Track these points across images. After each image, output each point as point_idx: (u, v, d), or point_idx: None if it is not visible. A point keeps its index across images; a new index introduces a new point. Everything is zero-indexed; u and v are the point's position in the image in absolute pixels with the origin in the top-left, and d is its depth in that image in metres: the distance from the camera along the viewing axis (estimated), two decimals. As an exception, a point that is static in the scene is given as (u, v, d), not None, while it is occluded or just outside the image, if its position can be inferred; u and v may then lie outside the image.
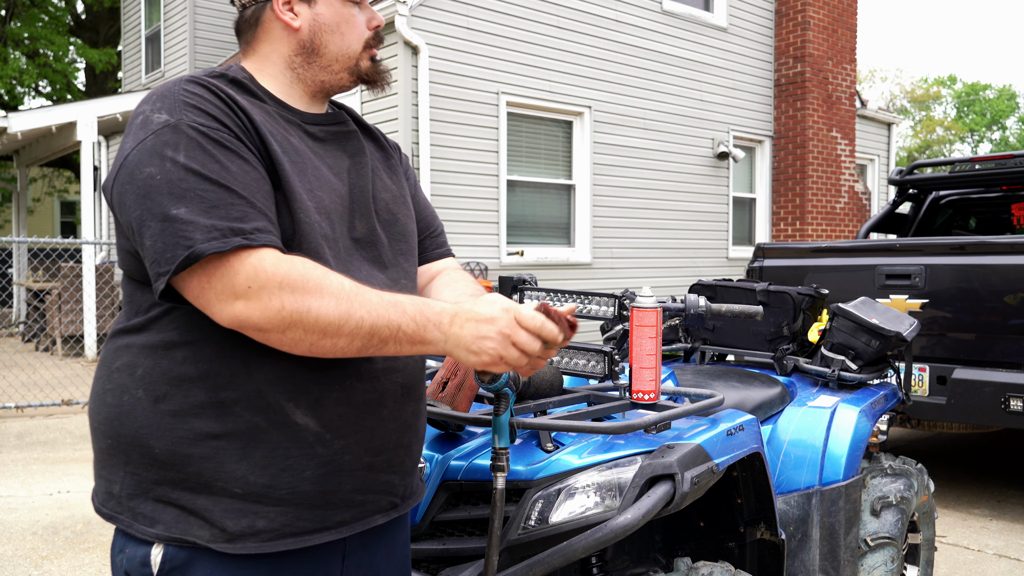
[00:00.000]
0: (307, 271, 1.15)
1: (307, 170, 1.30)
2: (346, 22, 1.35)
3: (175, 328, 1.23)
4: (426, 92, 7.67)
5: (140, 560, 1.23)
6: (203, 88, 1.24)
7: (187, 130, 1.17)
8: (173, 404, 1.21)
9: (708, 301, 2.37)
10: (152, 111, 1.20)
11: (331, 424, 1.25)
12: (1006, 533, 4.26)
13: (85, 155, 9.79)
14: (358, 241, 1.35)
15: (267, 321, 1.13)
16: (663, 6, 9.79)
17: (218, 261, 1.13)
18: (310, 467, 1.24)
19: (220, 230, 1.12)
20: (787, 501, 2.42)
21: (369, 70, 1.40)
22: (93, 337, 9.43)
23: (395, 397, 1.33)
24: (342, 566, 1.32)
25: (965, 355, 4.39)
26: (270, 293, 1.13)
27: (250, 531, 1.21)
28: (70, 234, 24.38)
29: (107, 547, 3.90)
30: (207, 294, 1.14)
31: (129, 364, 1.25)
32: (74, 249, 11.05)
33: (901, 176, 5.97)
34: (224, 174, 1.16)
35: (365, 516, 1.31)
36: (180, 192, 1.13)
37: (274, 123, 1.30)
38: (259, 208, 1.18)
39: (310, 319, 1.13)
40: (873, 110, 13.46)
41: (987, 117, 41.79)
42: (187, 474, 1.21)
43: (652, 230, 9.79)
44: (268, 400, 1.22)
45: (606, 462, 1.66)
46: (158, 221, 1.13)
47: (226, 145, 1.19)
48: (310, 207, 1.26)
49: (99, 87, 19.68)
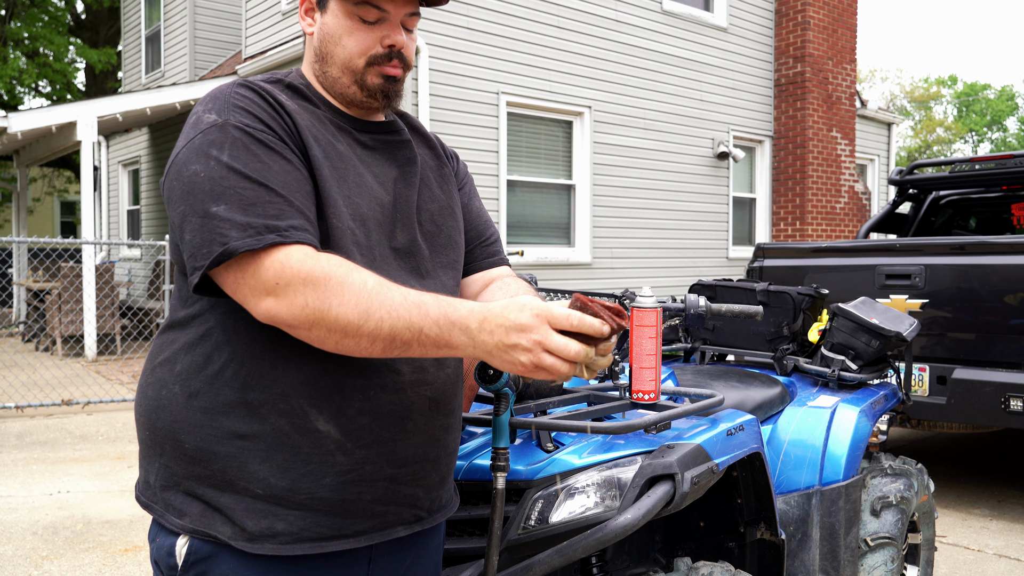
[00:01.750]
0: (331, 268, 1.15)
1: (348, 176, 1.31)
2: (348, 34, 1.35)
3: (212, 325, 1.26)
4: (426, 92, 7.67)
5: (167, 550, 1.26)
6: (252, 91, 1.28)
7: (232, 130, 1.21)
8: (205, 401, 1.24)
9: (708, 301, 2.37)
10: (204, 111, 1.25)
11: (353, 433, 1.25)
12: (1006, 533, 4.26)
13: (85, 155, 9.79)
14: (398, 251, 1.36)
15: (293, 317, 1.15)
16: (663, 6, 9.79)
17: (251, 257, 1.16)
18: (330, 474, 1.24)
19: (255, 227, 1.15)
20: (787, 501, 2.42)
21: (379, 88, 1.37)
22: (93, 337, 9.43)
23: (422, 410, 1.32)
24: (368, 570, 1.32)
25: (965, 355, 4.38)
26: (295, 290, 1.14)
27: (269, 532, 1.22)
28: (70, 234, 24.38)
29: (107, 547, 3.90)
30: (242, 289, 1.17)
31: (170, 359, 1.29)
32: (74, 249, 11.05)
33: (901, 176, 5.97)
34: (265, 172, 1.19)
35: (386, 527, 1.31)
36: (221, 190, 1.17)
37: (323, 128, 1.33)
38: (297, 206, 1.20)
39: (331, 317, 1.14)
40: (873, 110, 13.47)
41: (987, 117, 41.80)
42: (213, 471, 1.23)
43: (652, 230, 9.79)
44: (292, 404, 1.23)
45: (606, 462, 1.66)
46: (198, 217, 1.17)
47: (269, 145, 1.22)
48: (344, 213, 1.27)
49: (99, 87, 19.69)
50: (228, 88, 1.28)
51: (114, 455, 5.64)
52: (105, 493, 4.74)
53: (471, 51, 8.14)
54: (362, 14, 1.33)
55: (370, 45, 1.35)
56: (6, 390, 7.69)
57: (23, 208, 14.06)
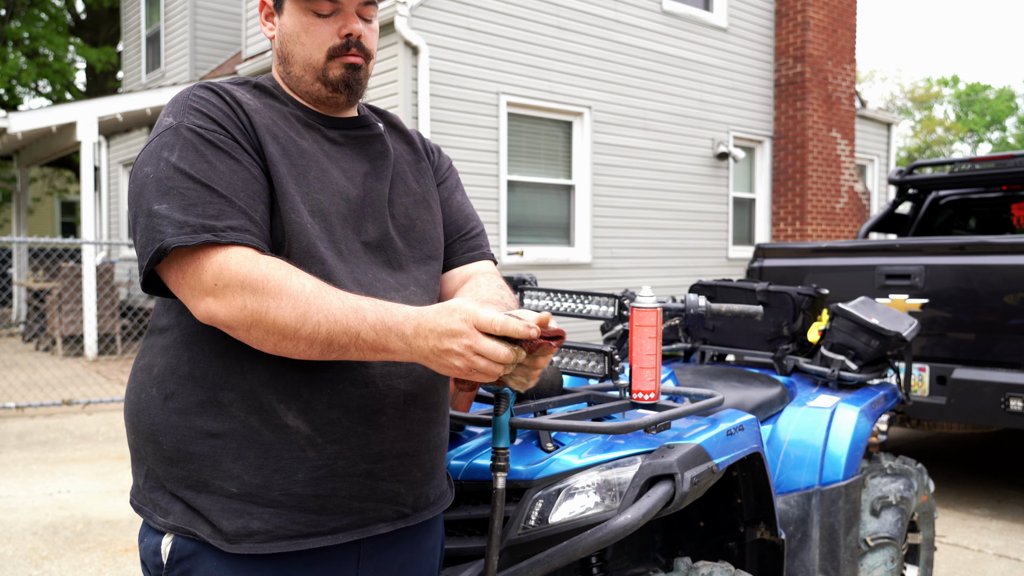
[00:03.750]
0: (269, 272, 1.17)
1: (309, 172, 1.32)
2: (305, 31, 1.36)
3: (185, 327, 1.28)
4: (426, 92, 7.66)
5: (153, 549, 1.28)
6: (211, 92, 1.30)
7: (184, 132, 1.24)
8: (179, 402, 1.26)
9: (708, 301, 2.37)
10: (165, 115, 1.29)
11: (323, 428, 1.25)
12: (1006, 533, 4.26)
13: (85, 155, 9.79)
14: (368, 244, 1.36)
15: (231, 318, 1.17)
16: (663, 6, 9.79)
17: (189, 256, 1.18)
18: (302, 470, 1.24)
19: (192, 226, 1.17)
20: (787, 501, 2.42)
21: (341, 78, 1.37)
22: (93, 337, 9.43)
23: (396, 404, 1.31)
24: (356, 569, 1.32)
25: (965, 355, 4.39)
26: (233, 292, 1.16)
27: (245, 532, 1.22)
28: (70, 234, 24.37)
29: (107, 547, 3.90)
30: (183, 288, 1.20)
31: (148, 363, 1.32)
32: (74, 249, 11.04)
33: (901, 176, 5.97)
34: (210, 173, 1.21)
35: (366, 524, 1.30)
36: (165, 189, 1.20)
37: (286, 125, 1.34)
38: (239, 207, 1.21)
39: (268, 320, 1.15)
40: (873, 110, 13.47)
41: (987, 118, 41.79)
42: (189, 471, 1.24)
43: (652, 230, 9.79)
44: (261, 400, 1.24)
45: (606, 462, 1.66)
46: (144, 216, 1.20)
47: (218, 145, 1.24)
48: (302, 209, 1.28)
49: (99, 87, 19.67)
50: (188, 91, 1.31)
51: (114, 455, 5.64)
52: (105, 493, 4.74)
53: (471, 51, 8.14)
54: (316, 8, 1.35)
55: (327, 38, 1.37)
56: (6, 390, 7.69)
57: (23, 208, 14.06)
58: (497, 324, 1.12)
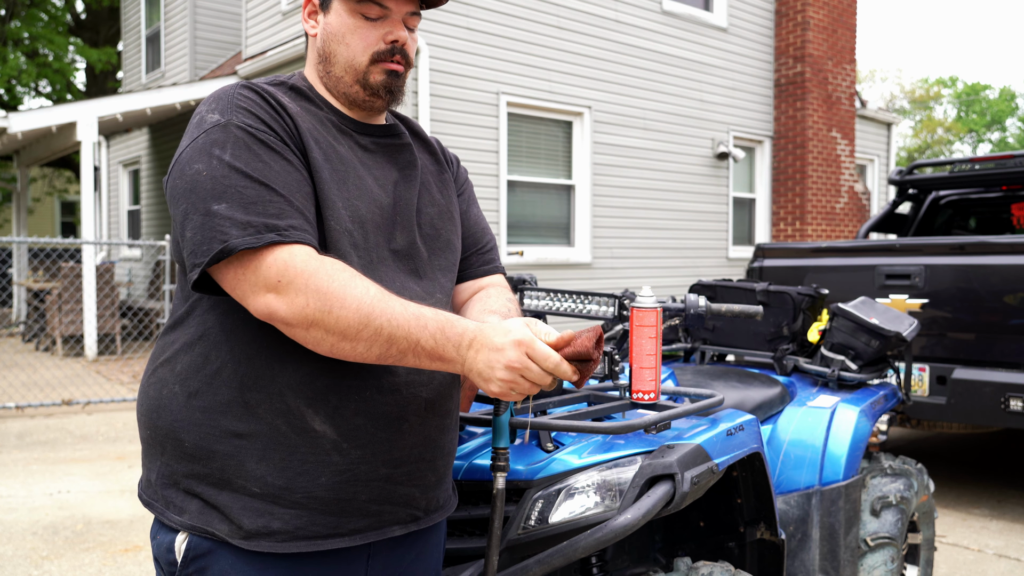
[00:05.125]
0: (335, 272, 1.18)
1: (348, 179, 1.33)
2: (351, 32, 1.36)
3: (211, 325, 1.28)
4: (426, 92, 7.67)
5: (167, 547, 1.28)
6: (255, 93, 1.30)
7: (235, 130, 1.23)
8: (204, 400, 1.26)
9: (708, 301, 2.37)
10: (208, 112, 1.27)
11: (348, 434, 1.27)
12: (1006, 533, 4.26)
13: (85, 155, 9.79)
14: (396, 252, 1.38)
15: (293, 316, 1.17)
16: (663, 6, 9.79)
17: (252, 255, 1.18)
18: (326, 473, 1.25)
19: (255, 226, 1.17)
20: (787, 501, 2.42)
21: (381, 84, 1.38)
22: (93, 337, 9.43)
23: (417, 411, 1.33)
24: (367, 568, 1.33)
25: (965, 355, 4.39)
26: (297, 289, 1.16)
27: (265, 531, 1.23)
28: (70, 234, 24.38)
29: (107, 547, 3.90)
30: (242, 286, 1.19)
31: (171, 359, 1.31)
32: (74, 249, 11.05)
33: (901, 176, 5.97)
34: (266, 172, 1.21)
35: (381, 526, 1.32)
36: (222, 188, 1.19)
37: (324, 130, 1.35)
38: (296, 206, 1.22)
39: (331, 320, 1.16)
40: (873, 110, 13.47)
41: (987, 118, 41.79)
42: (212, 469, 1.25)
43: (652, 230, 9.79)
44: (289, 404, 1.25)
45: (606, 462, 1.66)
46: (200, 215, 1.19)
47: (271, 145, 1.24)
48: (343, 215, 1.29)
49: (99, 87, 19.68)
50: (232, 89, 1.30)
51: (114, 455, 5.64)
52: (105, 493, 4.74)
53: (471, 51, 8.14)
54: (365, 11, 1.35)
55: (373, 41, 1.37)
56: (6, 390, 7.69)
57: (23, 208, 14.06)
58: (551, 363, 1.18)
